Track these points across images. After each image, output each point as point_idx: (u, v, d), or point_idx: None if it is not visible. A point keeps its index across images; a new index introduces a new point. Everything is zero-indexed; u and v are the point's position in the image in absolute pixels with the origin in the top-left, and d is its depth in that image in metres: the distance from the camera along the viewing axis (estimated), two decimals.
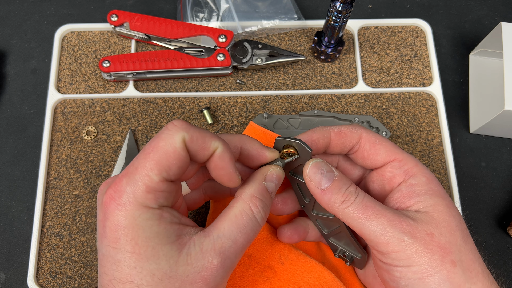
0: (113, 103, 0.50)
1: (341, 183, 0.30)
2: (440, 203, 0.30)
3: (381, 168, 0.33)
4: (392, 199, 0.32)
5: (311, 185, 0.31)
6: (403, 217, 0.29)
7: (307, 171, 0.31)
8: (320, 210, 0.35)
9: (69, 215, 0.45)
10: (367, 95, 0.51)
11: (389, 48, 0.53)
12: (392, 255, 0.28)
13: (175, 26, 0.50)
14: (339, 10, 0.44)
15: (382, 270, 0.30)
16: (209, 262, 0.26)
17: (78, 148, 0.48)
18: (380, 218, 0.29)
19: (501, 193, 0.49)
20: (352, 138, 0.33)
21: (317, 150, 0.33)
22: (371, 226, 0.29)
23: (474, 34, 0.56)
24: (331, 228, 0.36)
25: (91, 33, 0.53)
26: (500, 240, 0.47)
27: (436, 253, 0.28)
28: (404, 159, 0.32)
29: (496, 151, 0.51)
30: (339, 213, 0.30)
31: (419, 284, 0.28)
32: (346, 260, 0.36)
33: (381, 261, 0.30)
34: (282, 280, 0.38)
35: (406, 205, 0.31)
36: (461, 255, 0.28)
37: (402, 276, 0.28)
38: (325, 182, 0.30)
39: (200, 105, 0.50)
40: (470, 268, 0.28)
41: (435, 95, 0.51)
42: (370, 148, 0.33)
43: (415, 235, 0.28)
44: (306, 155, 0.31)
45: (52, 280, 0.43)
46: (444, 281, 0.27)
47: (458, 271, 0.28)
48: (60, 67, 0.51)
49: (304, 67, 0.52)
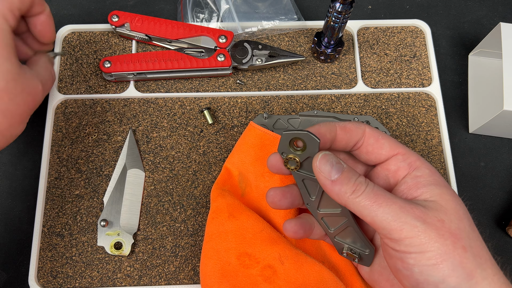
0: (113, 104, 0.50)
1: (350, 174, 0.30)
2: (446, 192, 0.31)
3: (385, 163, 0.34)
4: (399, 191, 0.32)
5: (321, 176, 0.31)
6: (414, 204, 0.29)
7: (317, 162, 0.31)
8: (327, 206, 0.35)
9: (70, 214, 0.45)
10: (366, 95, 0.51)
11: (389, 48, 0.53)
12: (406, 241, 0.28)
13: (176, 26, 0.50)
14: (339, 10, 0.44)
15: (395, 259, 0.30)
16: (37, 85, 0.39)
17: (79, 148, 0.48)
18: (392, 205, 0.29)
19: (500, 193, 0.49)
20: (356, 133, 0.33)
21: (323, 143, 0.33)
22: (383, 214, 0.29)
23: (473, 35, 0.56)
24: (337, 225, 0.36)
25: (92, 33, 0.53)
26: (500, 240, 0.47)
27: (448, 239, 0.28)
28: (407, 153, 0.33)
29: (495, 151, 0.51)
30: (350, 203, 0.30)
31: (433, 270, 0.28)
32: (354, 257, 0.36)
33: (394, 249, 0.30)
34: (282, 280, 0.38)
35: (413, 195, 0.31)
36: (470, 241, 0.29)
37: (416, 262, 0.28)
38: (335, 173, 0.30)
39: (200, 105, 0.50)
40: (479, 254, 0.29)
41: (434, 95, 0.51)
42: (374, 142, 0.33)
43: (427, 221, 0.28)
44: (314, 147, 0.31)
45: (53, 280, 0.43)
46: (457, 266, 0.27)
47: (469, 256, 0.28)
48: (61, 68, 0.51)
49: (304, 67, 0.52)
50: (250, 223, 0.40)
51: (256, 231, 0.40)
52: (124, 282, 0.44)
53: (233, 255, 0.39)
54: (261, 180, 0.42)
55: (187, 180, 0.47)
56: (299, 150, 0.32)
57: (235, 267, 0.39)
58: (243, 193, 0.43)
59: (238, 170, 0.43)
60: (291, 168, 0.33)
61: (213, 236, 0.40)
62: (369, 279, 0.37)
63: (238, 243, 0.39)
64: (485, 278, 0.28)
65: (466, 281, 0.27)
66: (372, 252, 0.35)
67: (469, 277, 0.28)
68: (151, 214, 0.46)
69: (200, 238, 0.45)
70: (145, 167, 0.47)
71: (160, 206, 0.46)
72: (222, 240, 0.40)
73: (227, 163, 0.44)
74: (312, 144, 0.31)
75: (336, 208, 0.34)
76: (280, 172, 0.35)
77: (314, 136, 0.31)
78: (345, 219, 0.35)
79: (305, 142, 0.31)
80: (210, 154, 0.48)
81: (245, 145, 0.43)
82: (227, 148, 0.48)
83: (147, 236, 0.45)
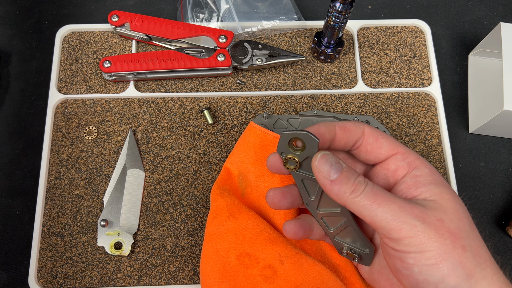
0: (113, 103, 0.50)
1: (349, 174, 0.30)
2: (446, 191, 0.30)
3: (384, 162, 0.34)
4: (398, 191, 0.32)
5: (320, 176, 0.31)
6: (413, 204, 0.29)
7: (316, 162, 0.31)
8: (326, 206, 0.35)
9: (70, 214, 0.45)
10: (366, 95, 0.51)
11: (389, 48, 0.53)
12: (405, 241, 0.28)
13: (176, 26, 0.50)
14: (339, 10, 0.44)
15: (395, 259, 0.30)
16: None
17: (79, 148, 0.48)
18: (391, 205, 0.29)
19: (500, 192, 0.49)
20: (356, 133, 0.33)
21: (323, 143, 0.33)
22: (383, 213, 0.29)
23: (473, 35, 0.56)
24: (337, 225, 0.36)
25: (91, 33, 0.53)
26: (500, 240, 0.47)
27: (447, 238, 0.28)
28: (406, 153, 0.33)
29: (495, 151, 0.51)
30: (349, 203, 0.30)
31: (432, 270, 0.28)
32: (354, 256, 0.36)
33: (394, 249, 0.30)
34: (282, 280, 0.38)
35: (413, 195, 0.31)
36: (470, 240, 0.29)
37: (416, 262, 0.28)
38: (334, 173, 0.30)
39: (200, 105, 0.50)
40: (479, 253, 0.29)
41: (434, 95, 0.51)
42: (373, 142, 0.33)
43: (426, 221, 0.28)
44: (313, 146, 0.31)
45: (53, 280, 0.43)
46: (456, 265, 0.27)
47: (469, 256, 0.28)
48: (61, 68, 0.51)
49: (304, 67, 0.52)
50: (250, 223, 0.40)
51: (256, 231, 0.40)
52: (124, 282, 0.44)
53: (233, 255, 0.39)
54: (261, 180, 0.42)
55: (187, 180, 0.47)
56: (298, 150, 0.32)
57: (235, 267, 0.39)
58: (243, 193, 0.43)
59: (238, 170, 0.43)
60: (291, 168, 0.33)
61: (213, 236, 0.40)
62: (369, 278, 0.37)
63: (238, 243, 0.39)
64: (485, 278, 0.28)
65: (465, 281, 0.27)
66: (372, 252, 0.35)
67: (468, 276, 0.27)
68: (151, 214, 0.46)
69: (200, 238, 0.45)
70: (145, 167, 0.47)
71: (160, 206, 0.46)
72: (222, 240, 0.40)
73: (227, 163, 0.44)
74: (311, 144, 0.31)
75: (335, 208, 0.34)
76: (279, 172, 0.35)
77: (313, 136, 0.31)
78: (344, 219, 0.35)
79: (304, 142, 0.31)
80: (210, 154, 0.48)
81: (245, 145, 0.43)
82: (227, 148, 0.48)
83: (147, 236, 0.45)
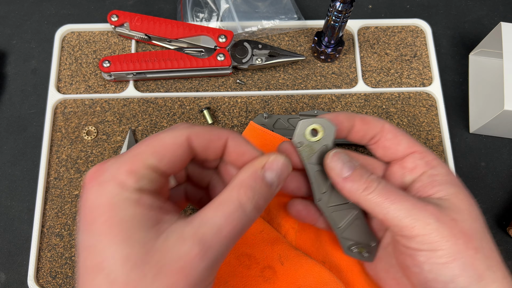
0: (113, 103, 0.50)
1: (362, 171, 0.30)
2: (461, 192, 0.30)
3: (402, 160, 0.33)
4: (414, 189, 0.32)
5: (333, 173, 0.31)
6: (427, 202, 0.29)
7: (328, 160, 0.31)
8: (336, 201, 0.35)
9: (69, 215, 0.45)
10: (367, 95, 0.51)
11: (389, 48, 0.53)
12: (417, 238, 0.28)
13: (175, 26, 0.50)
14: (339, 10, 0.44)
15: (405, 256, 0.30)
16: (188, 251, 0.23)
17: (78, 148, 0.48)
18: (404, 203, 0.29)
19: (500, 193, 0.49)
20: (375, 126, 0.33)
21: (340, 131, 0.33)
22: (396, 211, 0.28)
23: (474, 34, 0.56)
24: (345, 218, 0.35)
25: (91, 33, 0.53)
26: (500, 240, 0.47)
27: (460, 238, 0.28)
28: (424, 152, 0.32)
29: (495, 151, 0.51)
30: (362, 200, 0.30)
31: (443, 269, 0.28)
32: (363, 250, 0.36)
33: (405, 246, 0.29)
34: (282, 280, 0.38)
35: (428, 193, 0.31)
36: (482, 242, 0.28)
37: (427, 260, 0.28)
38: (346, 171, 0.30)
39: (200, 105, 0.50)
40: (490, 256, 0.28)
41: (435, 95, 0.51)
42: (392, 138, 0.33)
43: (440, 219, 0.28)
44: (330, 133, 0.31)
45: (52, 280, 0.43)
46: (468, 266, 0.27)
47: (480, 257, 0.28)
48: (60, 67, 0.51)
49: (304, 67, 0.52)
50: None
51: (256, 231, 0.40)
52: None
53: (233, 255, 0.39)
54: None
55: None
56: (315, 138, 0.32)
57: (234, 267, 0.38)
58: None
59: None
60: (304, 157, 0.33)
61: None
62: (375, 276, 0.37)
63: (238, 243, 0.39)
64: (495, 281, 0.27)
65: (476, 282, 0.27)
66: (376, 245, 0.35)
67: (479, 278, 0.27)
68: None
69: None
70: None
71: None
72: None
73: None
74: (329, 130, 0.31)
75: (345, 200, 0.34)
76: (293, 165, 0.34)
77: (330, 123, 0.31)
78: (353, 211, 0.35)
79: (321, 128, 0.32)
80: None
81: None
82: None
83: None
